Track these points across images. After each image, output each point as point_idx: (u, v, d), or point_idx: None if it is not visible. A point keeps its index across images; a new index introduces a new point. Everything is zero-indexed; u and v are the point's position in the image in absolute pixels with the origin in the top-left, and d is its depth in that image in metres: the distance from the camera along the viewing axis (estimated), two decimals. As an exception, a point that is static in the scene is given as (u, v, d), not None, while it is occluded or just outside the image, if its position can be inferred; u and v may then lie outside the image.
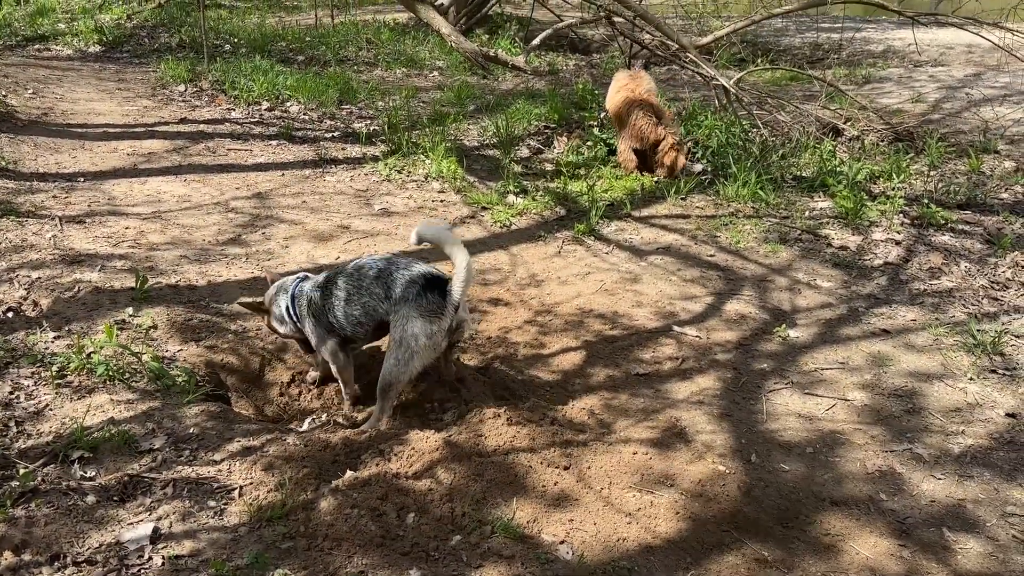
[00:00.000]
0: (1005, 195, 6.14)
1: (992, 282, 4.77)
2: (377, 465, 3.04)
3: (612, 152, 7.15)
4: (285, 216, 5.63)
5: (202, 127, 7.63)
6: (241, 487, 2.91)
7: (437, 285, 3.28)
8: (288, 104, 8.48)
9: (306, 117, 8.19)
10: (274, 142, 7.31)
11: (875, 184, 6.31)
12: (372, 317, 3.40)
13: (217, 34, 11.54)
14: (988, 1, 7.81)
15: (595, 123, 7.81)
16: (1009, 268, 4.93)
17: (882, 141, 7.16)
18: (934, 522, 2.91)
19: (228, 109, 8.31)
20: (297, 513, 2.79)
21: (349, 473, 3.02)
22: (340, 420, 3.60)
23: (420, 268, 3.35)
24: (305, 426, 3.53)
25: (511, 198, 6.17)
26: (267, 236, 5.28)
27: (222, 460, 3.05)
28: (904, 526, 2.88)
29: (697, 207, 6.06)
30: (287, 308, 3.65)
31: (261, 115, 8.16)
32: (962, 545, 2.80)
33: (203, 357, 3.82)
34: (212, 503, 2.82)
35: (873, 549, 2.76)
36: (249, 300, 3.91)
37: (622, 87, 6.91)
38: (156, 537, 2.64)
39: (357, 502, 2.83)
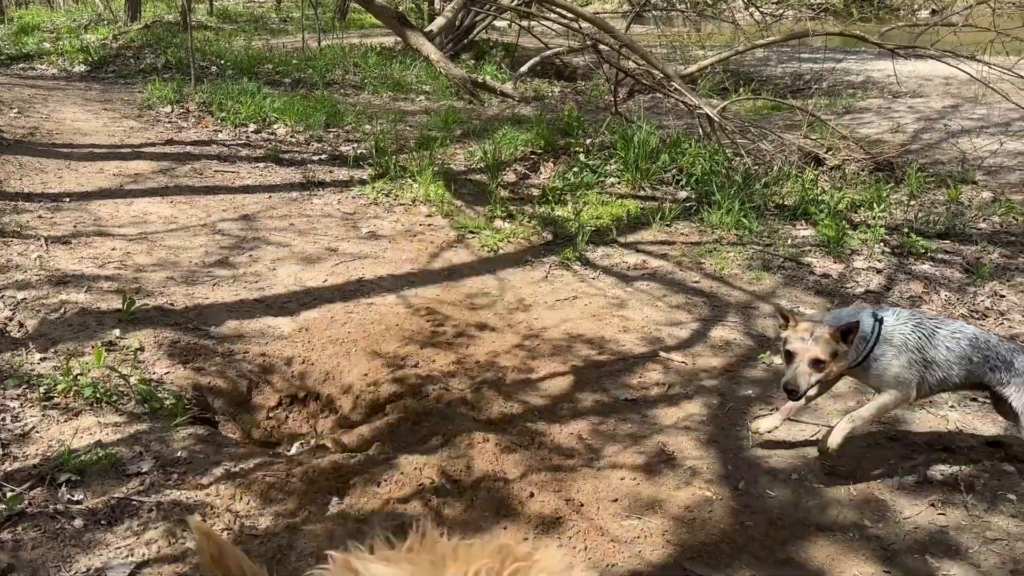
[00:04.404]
0: (983, 225, 6.26)
1: (971, 311, 4.86)
2: (366, 490, 3.05)
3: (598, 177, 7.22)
4: (272, 238, 5.63)
5: (189, 148, 7.63)
6: (229, 511, 2.90)
7: None
8: (275, 126, 8.51)
9: (293, 140, 8.22)
10: (261, 164, 7.33)
11: (856, 213, 6.41)
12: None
13: (203, 56, 11.58)
14: (966, 35, 8.01)
15: (581, 149, 7.89)
16: (988, 297, 5.02)
17: (863, 170, 7.28)
18: (918, 548, 2.94)
19: (215, 131, 8.32)
20: (283, 537, 2.78)
21: (336, 499, 3.02)
22: (328, 445, 3.60)
23: None
24: (293, 450, 3.53)
25: (498, 223, 6.21)
26: (254, 258, 5.28)
27: (210, 484, 3.04)
28: (889, 552, 2.92)
29: (682, 234, 6.13)
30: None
31: (248, 137, 8.18)
32: (945, 571, 2.83)
33: (191, 380, 3.81)
34: (201, 527, 2.81)
35: (859, 574, 2.79)
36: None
37: None
38: (143, 563, 2.62)
39: (346, 526, 2.83)
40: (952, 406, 3.85)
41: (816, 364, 3.03)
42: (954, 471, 3.37)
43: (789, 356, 3.09)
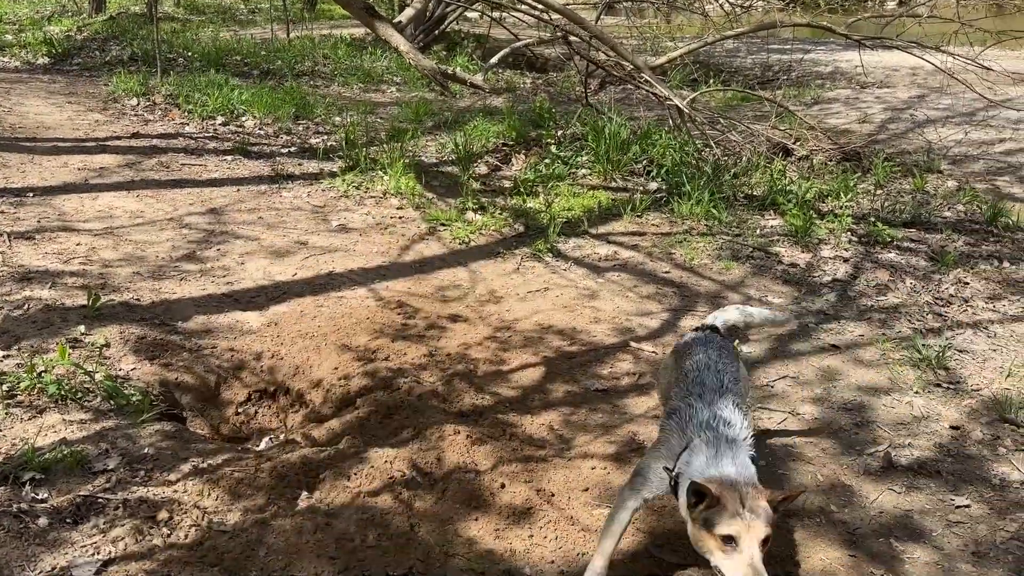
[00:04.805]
0: (948, 213, 6.36)
1: (936, 298, 4.94)
2: (336, 484, 3.03)
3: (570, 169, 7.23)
4: (241, 232, 5.58)
5: (155, 142, 7.53)
6: (196, 507, 2.87)
7: None
8: (243, 119, 8.41)
9: (262, 132, 8.13)
10: (229, 157, 7.25)
11: (823, 203, 6.48)
12: None
13: (170, 47, 11.41)
14: (931, 26, 8.11)
15: (552, 141, 7.89)
16: (952, 285, 5.10)
17: (830, 161, 7.36)
18: (883, 532, 2.99)
19: (182, 123, 8.22)
20: (252, 532, 2.76)
21: (305, 493, 3.01)
22: (298, 439, 3.58)
23: None
24: (263, 445, 3.51)
25: (470, 215, 6.20)
26: (222, 252, 5.23)
27: (178, 480, 3.01)
28: (854, 536, 2.96)
29: (652, 224, 6.16)
30: None
31: (216, 130, 8.09)
32: (909, 554, 2.88)
33: (158, 375, 3.77)
34: (167, 524, 2.78)
35: (825, 559, 2.83)
36: None
37: None
38: (109, 561, 2.59)
39: (315, 520, 2.82)
40: (917, 392, 3.91)
41: (765, 543, 2.20)
42: (918, 456, 3.43)
43: (727, 541, 2.19)
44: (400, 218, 6.12)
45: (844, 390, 3.93)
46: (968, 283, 5.12)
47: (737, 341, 4.37)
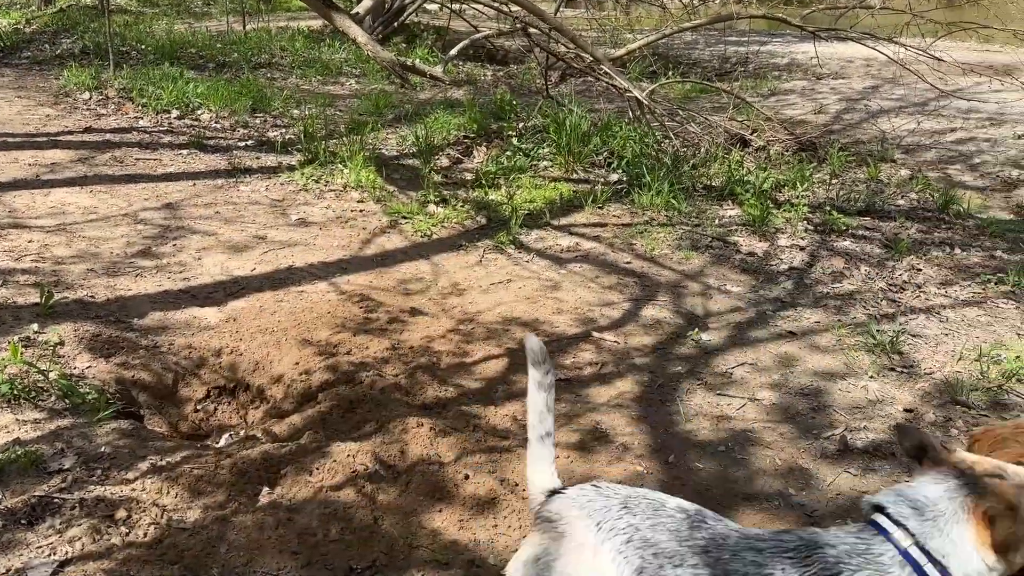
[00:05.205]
0: (901, 202, 6.49)
1: (890, 284, 5.04)
2: (298, 479, 3.01)
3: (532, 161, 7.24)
4: (197, 227, 5.49)
5: (108, 136, 7.38)
6: (155, 505, 2.83)
7: None
8: (199, 112, 8.28)
9: (218, 125, 8.01)
10: (185, 151, 7.13)
11: (780, 192, 6.57)
12: None
13: (123, 40, 11.17)
14: (884, 17, 8.27)
15: (514, 133, 7.89)
16: (905, 271, 5.21)
17: (787, 151, 7.46)
18: (840, 514, 3.05)
19: (136, 118, 8.06)
20: (213, 529, 2.74)
21: (267, 489, 2.98)
22: (259, 435, 3.54)
23: None
24: (223, 442, 3.47)
25: (432, 207, 6.18)
26: (179, 248, 5.15)
27: (136, 479, 2.97)
28: (812, 519, 3.02)
29: (614, 215, 6.20)
30: None
31: (170, 123, 7.95)
32: (865, 534, 2.95)
33: (114, 374, 3.71)
34: (125, 523, 2.74)
35: (784, 541, 2.88)
36: None
37: None
38: (65, 561, 2.55)
39: (277, 516, 2.80)
40: (872, 376, 3.99)
41: None
42: (874, 439, 3.50)
43: None
44: (361, 211, 6.08)
45: (801, 376, 4.00)
46: (921, 269, 5.23)
47: (697, 329, 4.43)
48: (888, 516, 1.75)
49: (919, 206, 6.38)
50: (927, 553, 1.68)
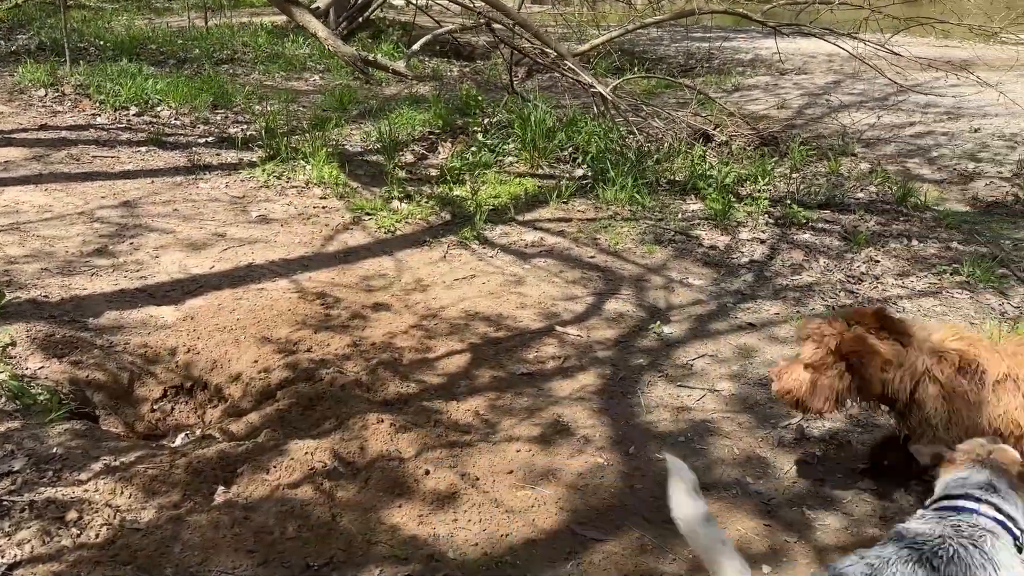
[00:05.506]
0: (861, 195, 6.58)
1: (848, 276, 5.10)
2: (255, 477, 2.98)
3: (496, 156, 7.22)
4: (155, 225, 5.41)
5: (64, 134, 7.24)
6: (108, 505, 2.78)
7: None
8: (158, 109, 8.15)
9: (177, 122, 7.89)
10: (143, 148, 7.02)
11: (742, 186, 6.63)
12: None
13: (81, 36, 10.98)
14: (843, 13, 8.36)
15: (479, 129, 7.87)
16: (863, 263, 5.28)
17: (749, 146, 7.53)
18: (797, 501, 3.09)
19: (93, 115, 7.92)
20: (167, 529, 2.70)
21: (222, 488, 2.94)
22: (215, 434, 3.50)
23: None
24: (178, 441, 3.42)
25: (396, 203, 6.14)
26: (136, 246, 5.06)
27: (88, 479, 2.91)
28: (769, 506, 3.05)
29: (578, 210, 6.21)
30: None
31: (129, 120, 7.82)
32: (821, 521, 2.98)
33: (67, 374, 3.64)
34: (76, 524, 2.69)
35: (741, 529, 2.91)
36: None
37: None
38: (14, 564, 2.49)
39: (233, 515, 2.76)
40: (829, 366, 4.03)
41: None
42: (829, 428, 3.55)
43: None
44: (324, 208, 6.02)
45: (760, 366, 4.03)
46: (879, 261, 5.31)
47: (659, 322, 4.45)
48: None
49: (878, 199, 6.47)
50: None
